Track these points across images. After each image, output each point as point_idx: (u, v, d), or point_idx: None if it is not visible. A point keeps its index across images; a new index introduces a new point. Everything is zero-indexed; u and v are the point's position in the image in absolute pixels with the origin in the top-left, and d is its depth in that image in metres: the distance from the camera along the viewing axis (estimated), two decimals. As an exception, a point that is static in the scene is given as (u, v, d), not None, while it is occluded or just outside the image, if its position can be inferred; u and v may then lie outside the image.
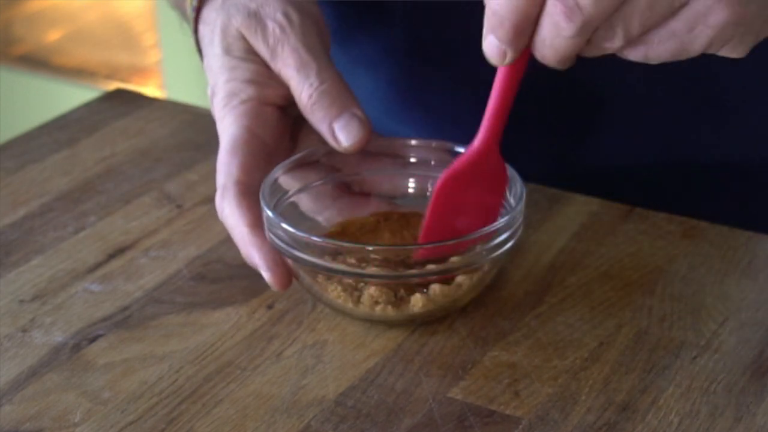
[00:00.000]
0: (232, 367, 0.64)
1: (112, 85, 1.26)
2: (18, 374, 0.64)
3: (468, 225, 0.66)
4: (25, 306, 0.70)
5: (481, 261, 0.65)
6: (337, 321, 0.68)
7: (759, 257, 0.73)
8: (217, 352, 0.66)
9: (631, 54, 0.59)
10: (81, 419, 0.61)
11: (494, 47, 0.59)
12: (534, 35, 0.58)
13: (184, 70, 2.20)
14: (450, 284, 0.65)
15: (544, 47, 0.58)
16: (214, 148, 0.69)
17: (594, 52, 0.59)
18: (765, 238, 0.75)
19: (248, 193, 0.67)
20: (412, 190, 0.73)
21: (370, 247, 0.64)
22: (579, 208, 0.78)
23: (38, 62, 2.47)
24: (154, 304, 0.69)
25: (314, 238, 0.64)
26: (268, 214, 0.65)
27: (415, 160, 0.73)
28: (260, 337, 0.67)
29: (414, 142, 0.73)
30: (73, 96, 1.63)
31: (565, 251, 0.74)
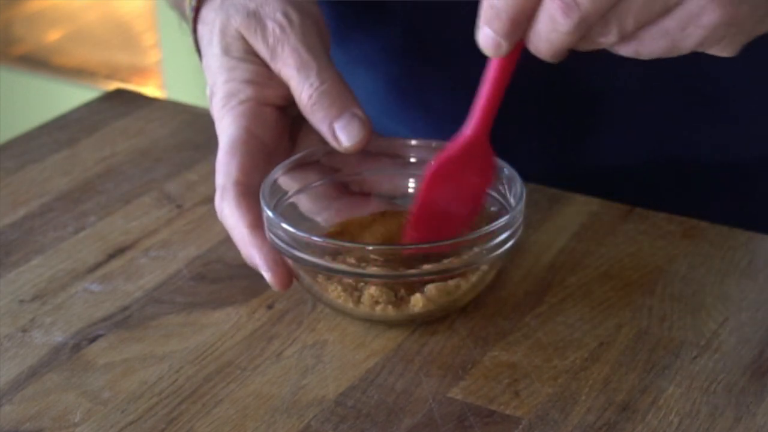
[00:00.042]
0: (232, 367, 0.64)
1: (112, 85, 1.26)
2: (18, 374, 0.64)
3: (455, 212, 0.66)
4: (25, 306, 0.70)
5: (481, 261, 0.65)
6: (337, 321, 0.68)
7: (759, 257, 0.73)
8: (217, 352, 0.66)
9: (623, 49, 0.59)
10: (81, 419, 0.61)
11: (489, 39, 0.60)
12: (529, 29, 0.59)
13: (184, 70, 2.20)
14: (450, 284, 0.65)
15: (540, 41, 0.59)
16: (214, 148, 0.69)
17: (587, 46, 0.59)
18: (765, 238, 0.75)
19: (247, 193, 0.67)
20: (412, 190, 0.73)
21: (370, 247, 0.64)
22: (579, 208, 0.78)
23: (38, 62, 2.47)
24: (154, 304, 0.69)
25: (314, 238, 0.64)
26: (269, 214, 0.65)
27: (415, 160, 0.73)
28: (260, 337, 0.67)
29: (414, 142, 0.73)
30: (73, 96, 1.63)
31: (565, 251, 0.74)
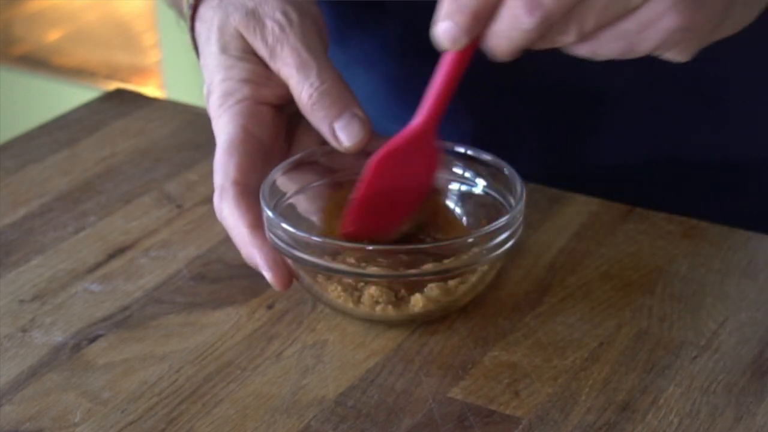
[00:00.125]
0: (232, 367, 0.64)
1: (112, 85, 1.25)
2: (18, 374, 0.64)
3: (397, 205, 0.66)
4: (25, 306, 0.70)
5: (481, 261, 0.65)
6: (337, 321, 0.68)
7: (759, 257, 0.73)
8: (217, 352, 0.66)
9: (580, 49, 0.59)
10: (81, 419, 0.61)
11: (448, 32, 0.59)
12: (490, 25, 0.59)
13: (184, 70, 2.20)
14: (450, 284, 0.65)
15: (499, 38, 0.59)
16: (214, 148, 0.69)
17: (544, 45, 0.59)
18: (765, 238, 0.75)
19: (246, 193, 0.67)
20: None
21: (370, 247, 0.64)
22: (579, 208, 0.78)
23: (38, 62, 2.47)
24: (154, 304, 0.69)
25: (314, 238, 0.64)
26: (269, 214, 0.65)
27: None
28: (260, 337, 0.67)
29: (414, 142, 0.73)
30: (73, 96, 1.63)
31: (565, 251, 0.74)
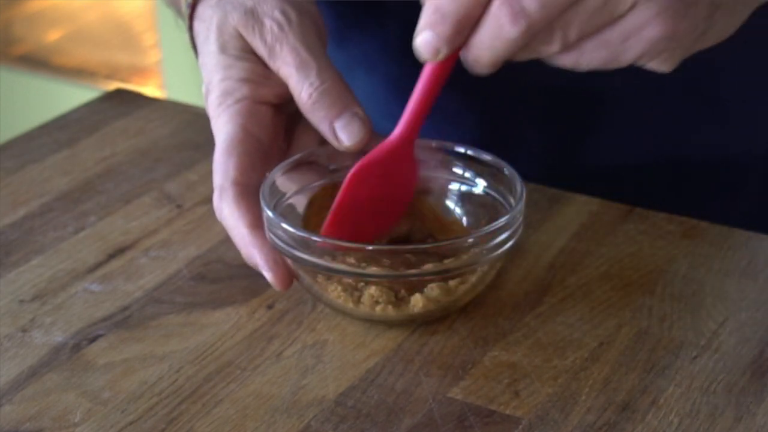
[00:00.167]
0: (232, 367, 0.64)
1: (112, 85, 1.26)
2: (18, 374, 0.64)
3: (375, 216, 0.66)
4: (25, 306, 0.70)
5: (481, 261, 0.65)
6: (337, 321, 0.68)
7: (759, 257, 0.73)
8: (217, 352, 0.66)
9: (563, 59, 0.59)
10: (81, 419, 0.61)
11: (429, 43, 0.59)
12: (472, 35, 0.58)
13: (184, 70, 2.20)
14: (450, 284, 0.65)
15: (482, 48, 0.58)
16: (214, 148, 0.69)
17: (527, 56, 0.59)
18: (765, 238, 0.75)
19: (246, 193, 0.66)
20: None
21: (370, 247, 0.64)
22: (579, 208, 0.78)
23: (38, 62, 2.47)
24: (154, 304, 0.69)
25: (314, 238, 0.64)
26: (268, 214, 0.65)
27: (414, 160, 0.73)
28: (260, 337, 0.67)
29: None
30: (73, 96, 1.63)
31: (565, 251, 0.74)
